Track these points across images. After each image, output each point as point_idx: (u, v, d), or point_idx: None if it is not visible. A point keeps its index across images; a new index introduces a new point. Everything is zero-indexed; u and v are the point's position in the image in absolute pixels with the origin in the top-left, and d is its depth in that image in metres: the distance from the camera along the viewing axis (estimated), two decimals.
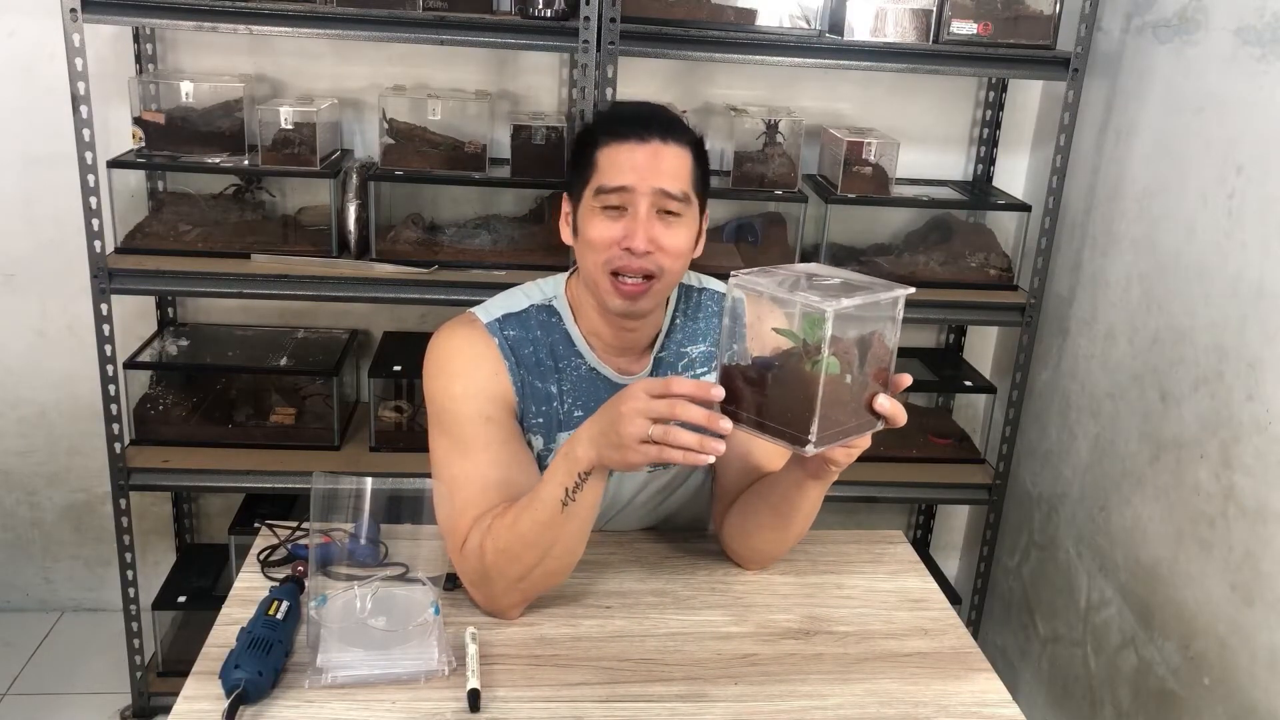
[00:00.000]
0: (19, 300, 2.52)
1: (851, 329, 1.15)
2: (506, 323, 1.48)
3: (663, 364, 1.52)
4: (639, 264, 1.37)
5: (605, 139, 1.39)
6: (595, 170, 1.39)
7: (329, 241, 2.28)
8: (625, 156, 1.37)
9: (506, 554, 1.31)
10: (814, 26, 2.19)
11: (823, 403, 1.13)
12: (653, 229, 1.37)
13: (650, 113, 1.44)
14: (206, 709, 1.18)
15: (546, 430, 1.48)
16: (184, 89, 2.26)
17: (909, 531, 2.91)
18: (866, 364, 1.18)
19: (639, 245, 1.36)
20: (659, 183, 1.36)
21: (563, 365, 1.48)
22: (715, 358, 1.50)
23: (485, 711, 1.20)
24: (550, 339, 1.49)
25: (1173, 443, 2.02)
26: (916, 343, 2.77)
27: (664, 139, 1.38)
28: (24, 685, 2.53)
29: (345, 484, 1.34)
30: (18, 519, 2.70)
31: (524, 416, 1.47)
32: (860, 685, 1.31)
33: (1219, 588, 1.87)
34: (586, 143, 1.42)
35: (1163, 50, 2.12)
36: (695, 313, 1.55)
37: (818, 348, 1.12)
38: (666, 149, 1.38)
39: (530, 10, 2.13)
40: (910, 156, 2.52)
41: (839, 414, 1.17)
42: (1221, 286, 1.91)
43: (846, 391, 1.17)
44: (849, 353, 1.16)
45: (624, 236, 1.37)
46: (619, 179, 1.37)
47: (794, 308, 1.14)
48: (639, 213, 1.37)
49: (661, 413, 1.17)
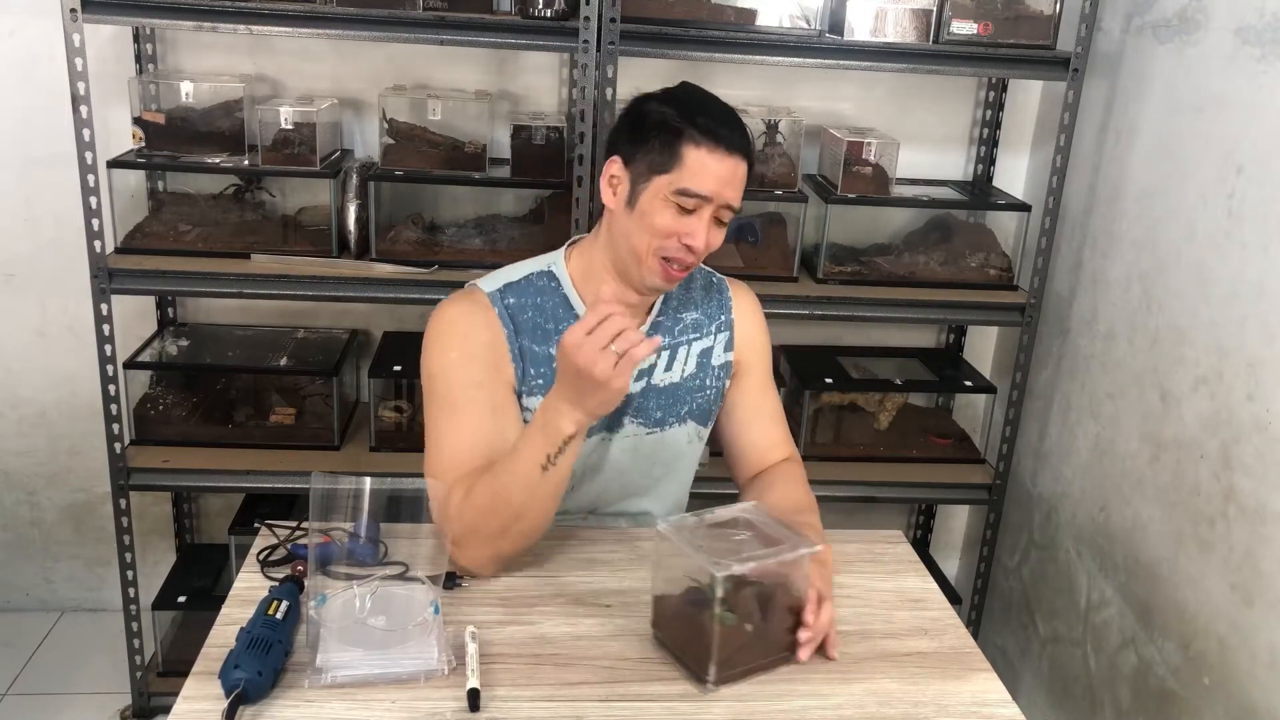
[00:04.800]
0: (19, 300, 2.52)
1: (756, 580, 1.26)
2: (507, 291, 1.55)
3: (661, 327, 1.62)
4: (691, 259, 1.48)
5: (699, 138, 1.43)
6: (681, 166, 1.43)
7: (329, 241, 2.28)
8: (715, 165, 1.43)
9: (487, 512, 1.39)
10: (814, 26, 2.20)
11: (719, 648, 1.24)
12: (712, 232, 1.48)
13: (736, 122, 1.49)
14: (206, 709, 1.18)
15: (548, 390, 1.50)
16: (184, 89, 2.27)
17: (909, 531, 2.91)
18: (772, 611, 1.28)
19: (700, 246, 1.46)
20: (730, 198, 1.46)
21: (561, 328, 1.53)
22: (703, 326, 1.64)
23: (485, 711, 1.20)
24: (550, 303, 1.56)
25: (1173, 443, 2.02)
26: (916, 343, 2.77)
27: (743, 156, 1.47)
28: (24, 685, 2.53)
29: (344, 484, 1.35)
30: (18, 519, 2.70)
31: (524, 379, 1.54)
32: (860, 685, 1.30)
33: (1219, 588, 1.87)
34: (672, 130, 1.44)
35: (1163, 50, 2.12)
36: (689, 283, 1.65)
37: (718, 600, 1.23)
38: (740, 166, 1.47)
39: (530, 10, 2.13)
40: (910, 156, 2.52)
41: (744, 656, 1.27)
42: (1221, 286, 1.91)
43: (749, 637, 1.27)
44: (747, 605, 1.26)
45: (688, 234, 1.45)
46: (705, 187, 1.43)
47: (697, 562, 1.24)
48: (705, 216, 1.46)
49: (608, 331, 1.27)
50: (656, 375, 1.61)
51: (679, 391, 1.62)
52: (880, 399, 2.55)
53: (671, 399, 1.62)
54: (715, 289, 1.68)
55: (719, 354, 1.65)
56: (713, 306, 1.66)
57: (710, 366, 1.65)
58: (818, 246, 2.39)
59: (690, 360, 1.63)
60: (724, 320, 1.66)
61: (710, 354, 1.65)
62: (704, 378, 1.64)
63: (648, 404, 1.60)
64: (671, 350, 1.62)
